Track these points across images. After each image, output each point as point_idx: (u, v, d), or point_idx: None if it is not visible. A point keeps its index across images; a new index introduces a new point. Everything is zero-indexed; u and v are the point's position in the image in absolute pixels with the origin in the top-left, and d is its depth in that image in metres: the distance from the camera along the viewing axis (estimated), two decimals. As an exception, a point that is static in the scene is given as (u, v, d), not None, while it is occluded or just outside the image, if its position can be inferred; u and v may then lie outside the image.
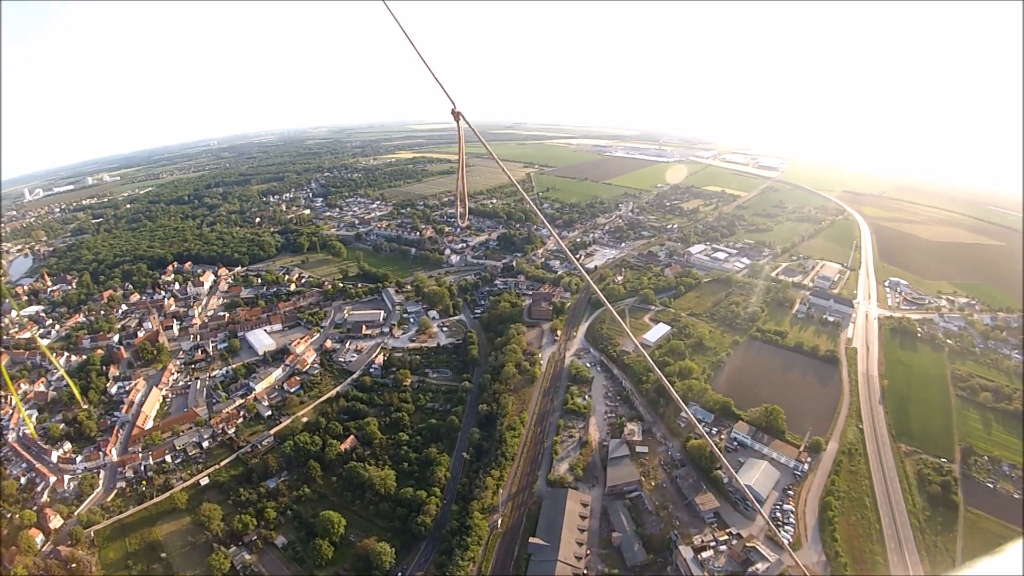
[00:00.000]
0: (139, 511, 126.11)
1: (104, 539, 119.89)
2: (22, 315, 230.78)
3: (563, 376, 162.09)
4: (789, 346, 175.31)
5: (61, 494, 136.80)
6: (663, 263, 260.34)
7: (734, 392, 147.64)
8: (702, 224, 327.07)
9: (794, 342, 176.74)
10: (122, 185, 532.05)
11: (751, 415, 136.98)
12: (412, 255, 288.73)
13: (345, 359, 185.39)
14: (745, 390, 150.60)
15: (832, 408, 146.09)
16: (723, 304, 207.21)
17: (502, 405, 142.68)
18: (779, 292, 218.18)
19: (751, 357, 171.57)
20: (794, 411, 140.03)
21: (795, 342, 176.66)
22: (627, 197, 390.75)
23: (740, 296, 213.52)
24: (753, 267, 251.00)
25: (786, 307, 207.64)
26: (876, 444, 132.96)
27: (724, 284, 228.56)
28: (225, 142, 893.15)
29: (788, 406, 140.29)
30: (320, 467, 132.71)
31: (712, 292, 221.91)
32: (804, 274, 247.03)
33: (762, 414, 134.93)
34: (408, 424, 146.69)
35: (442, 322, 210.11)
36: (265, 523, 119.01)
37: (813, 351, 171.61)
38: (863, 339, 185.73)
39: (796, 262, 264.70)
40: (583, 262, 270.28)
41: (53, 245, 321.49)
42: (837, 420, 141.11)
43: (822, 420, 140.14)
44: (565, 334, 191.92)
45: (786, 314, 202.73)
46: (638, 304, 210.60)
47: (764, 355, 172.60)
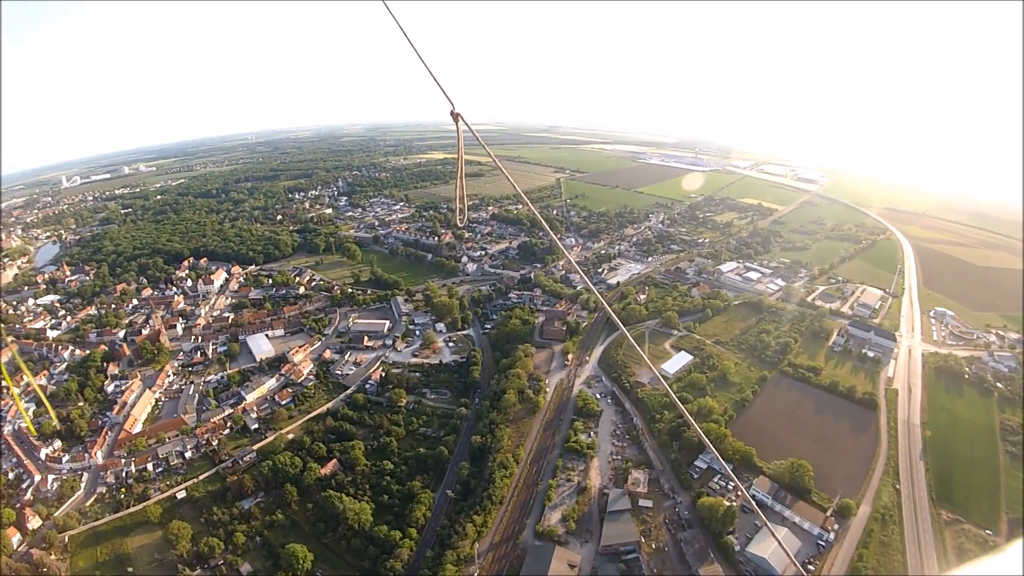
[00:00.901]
0: (114, 520, 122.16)
1: (78, 545, 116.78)
2: (39, 303, 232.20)
3: (569, 407, 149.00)
4: (823, 385, 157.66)
5: (44, 493, 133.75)
6: (690, 281, 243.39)
7: (757, 439, 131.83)
8: (735, 239, 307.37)
9: (829, 380, 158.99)
10: (157, 176, 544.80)
11: (774, 469, 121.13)
12: (428, 261, 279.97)
13: (342, 372, 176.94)
14: (770, 437, 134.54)
15: (867, 463, 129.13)
16: (752, 332, 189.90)
17: (497, 438, 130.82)
18: (815, 320, 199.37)
19: (779, 397, 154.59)
20: (824, 465, 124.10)
21: (830, 380, 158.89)
22: (658, 207, 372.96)
23: (772, 323, 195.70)
24: (787, 290, 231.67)
25: (821, 338, 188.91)
26: (914, 509, 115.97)
27: (755, 308, 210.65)
28: (262, 136, 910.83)
29: (817, 459, 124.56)
30: (297, 492, 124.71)
31: (741, 317, 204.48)
32: (843, 300, 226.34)
33: (787, 469, 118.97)
34: (396, 451, 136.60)
35: (449, 336, 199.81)
36: (233, 547, 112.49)
37: (849, 392, 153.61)
38: (905, 379, 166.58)
39: (834, 286, 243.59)
40: (606, 276, 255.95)
41: (80, 234, 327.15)
42: (871, 478, 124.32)
43: (855, 477, 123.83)
44: (577, 358, 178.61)
45: (821, 346, 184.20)
46: (659, 328, 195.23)
47: (794, 395, 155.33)
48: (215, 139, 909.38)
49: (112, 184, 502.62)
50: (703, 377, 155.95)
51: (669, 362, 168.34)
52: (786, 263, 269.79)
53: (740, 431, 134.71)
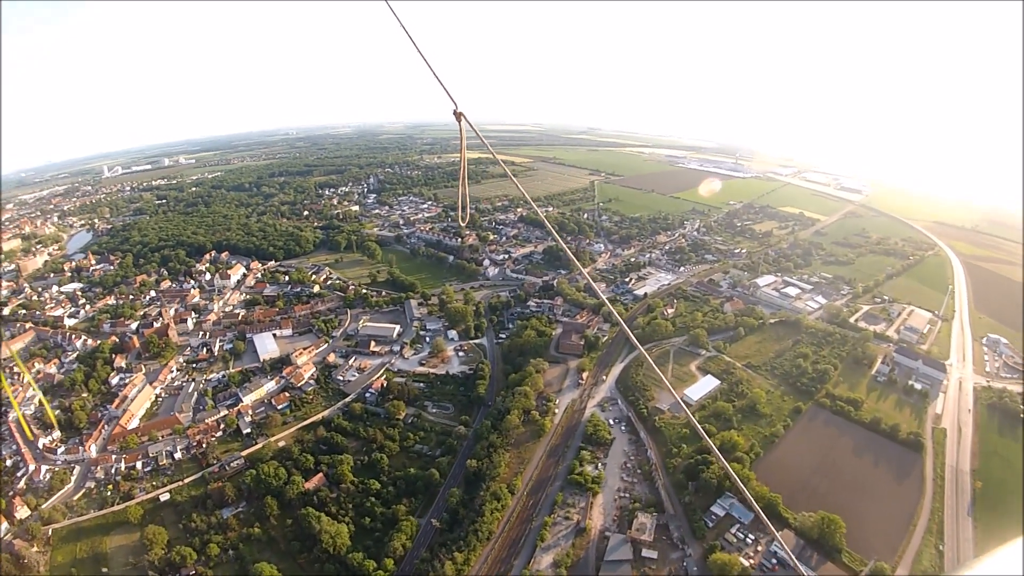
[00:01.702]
0: (97, 517, 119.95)
1: (60, 539, 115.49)
2: (62, 291, 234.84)
3: (578, 433, 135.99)
4: (863, 421, 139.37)
5: (36, 483, 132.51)
6: (724, 295, 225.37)
7: (785, 483, 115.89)
8: (774, 251, 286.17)
9: (870, 416, 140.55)
10: (195, 168, 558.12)
11: (802, 522, 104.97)
12: (448, 263, 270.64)
13: (344, 378, 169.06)
14: (799, 481, 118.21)
15: (908, 517, 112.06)
16: (788, 355, 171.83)
17: (494, 464, 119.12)
18: (857, 345, 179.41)
19: (814, 433, 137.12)
20: (859, 517, 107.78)
21: (871, 416, 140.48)
22: (694, 214, 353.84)
23: (810, 346, 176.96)
24: (828, 309, 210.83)
25: (864, 365, 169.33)
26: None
27: (792, 328, 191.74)
28: (303, 132, 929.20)
29: (852, 509, 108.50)
30: (277, 505, 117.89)
31: (777, 337, 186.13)
32: (888, 322, 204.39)
33: (816, 523, 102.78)
34: (386, 469, 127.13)
35: (460, 345, 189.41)
36: (206, 559, 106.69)
37: (892, 431, 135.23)
38: (955, 417, 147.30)
39: (879, 305, 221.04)
40: (633, 286, 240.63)
41: (112, 223, 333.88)
42: (912, 536, 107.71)
43: (893, 533, 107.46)
44: (593, 376, 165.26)
45: (863, 375, 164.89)
46: (686, 346, 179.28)
47: (831, 431, 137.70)
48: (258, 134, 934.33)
49: (151, 175, 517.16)
50: (729, 407, 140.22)
51: (694, 387, 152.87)
52: (827, 278, 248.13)
53: (766, 472, 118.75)
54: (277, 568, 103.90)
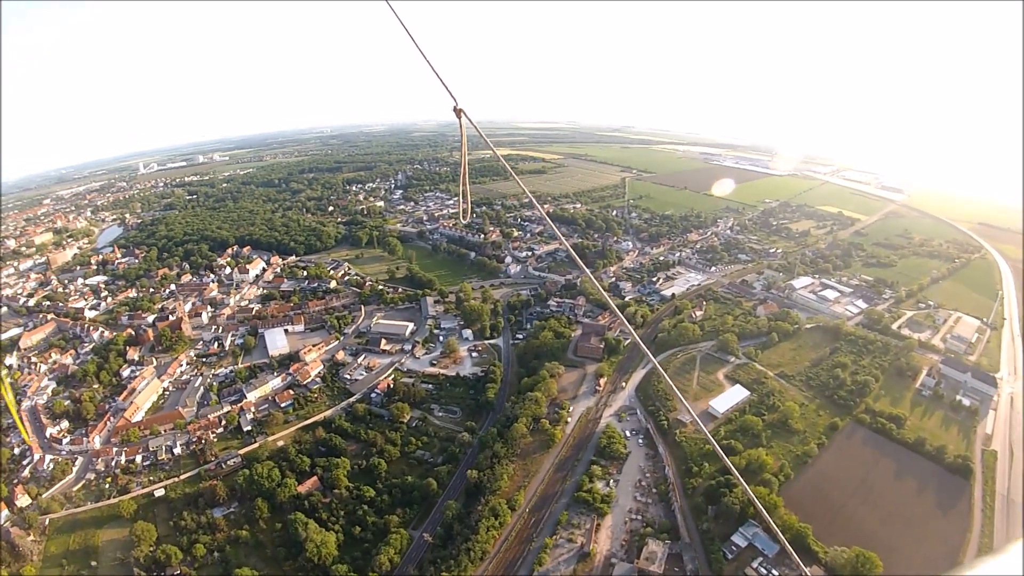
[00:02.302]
0: (92, 509, 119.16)
1: (55, 529, 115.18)
2: (86, 283, 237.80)
3: (591, 444, 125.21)
4: (906, 441, 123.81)
5: (40, 472, 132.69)
6: (757, 297, 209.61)
7: (817, 511, 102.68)
8: (811, 251, 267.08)
9: (914, 435, 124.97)
10: (228, 165, 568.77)
11: (834, 558, 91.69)
12: (470, 260, 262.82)
13: (352, 376, 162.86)
14: (833, 509, 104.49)
15: (953, 552, 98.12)
16: (825, 364, 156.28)
17: (496, 476, 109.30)
18: (900, 354, 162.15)
19: (851, 453, 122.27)
20: (897, 553, 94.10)
21: (915, 436, 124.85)
22: (728, 212, 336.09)
23: (849, 355, 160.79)
24: (870, 315, 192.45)
25: (908, 378, 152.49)
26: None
27: (830, 335, 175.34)
28: (337, 130, 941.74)
29: (890, 544, 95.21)
30: (268, 508, 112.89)
31: (813, 345, 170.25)
32: (934, 329, 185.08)
33: (849, 561, 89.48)
34: (384, 475, 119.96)
35: (474, 345, 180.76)
36: (191, 559, 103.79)
37: (938, 453, 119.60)
38: (1006, 438, 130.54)
39: (924, 311, 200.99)
40: (660, 287, 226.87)
41: (142, 218, 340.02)
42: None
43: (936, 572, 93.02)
44: (612, 382, 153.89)
45: (907, 388, 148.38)
46: (714, 352, 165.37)
47: (870, 451, 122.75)
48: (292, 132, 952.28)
49: (185, 172, 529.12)
50: (759, 421, 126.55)
51: (720, 397, 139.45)
52: (868, 281, 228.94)
53: (796, 498, 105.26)
54: (260, 574, 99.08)
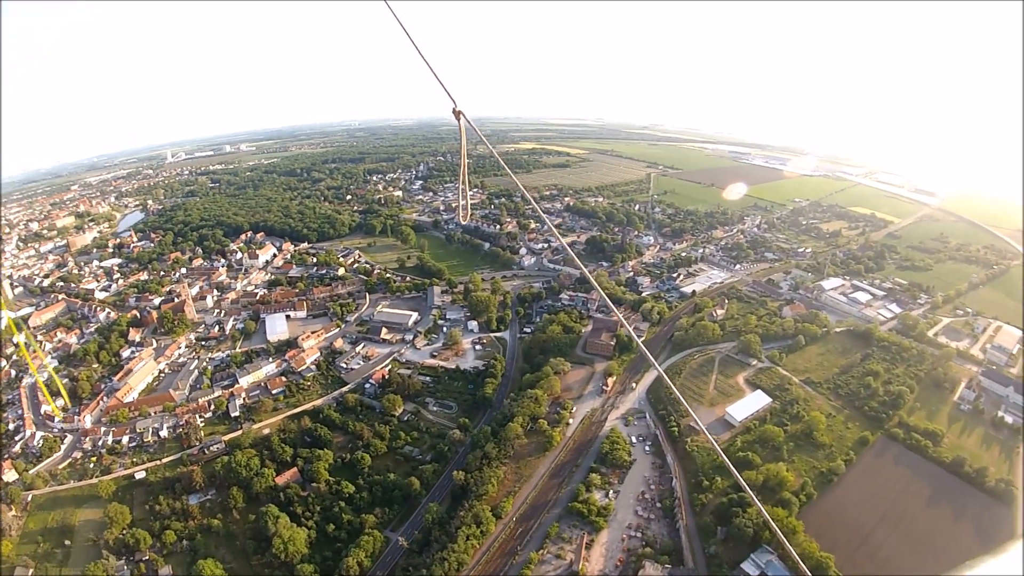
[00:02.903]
0: (74, 488, 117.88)
1: (37, 506, 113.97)
2: (101, 266, 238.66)
3: (593, 449, 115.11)
4: (943, 461, 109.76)
5: (30, 449, 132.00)
6: (783, 298, 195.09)
7: (840, 538, 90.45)
8: (843, 252, 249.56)
9: (952, 455, 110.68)
10: (254, 155, 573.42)
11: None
12: (484, 251, 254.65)
13: (348, 365, 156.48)
14: (859, 536, 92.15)
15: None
16: (856, 372, 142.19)
17: (484, 479, 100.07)
18: (937, 364, 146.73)
19: (882, 472, 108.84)
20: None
21: (953, 455, 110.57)
22: (756, 209, 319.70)
23: (882, 362, 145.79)
24: (904, 320, 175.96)
25: (945, 390, 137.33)
26: None
27: (862, 340, 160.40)
28: (365, 124, 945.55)
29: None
30: (244, 498, 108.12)
31: (843, 350, 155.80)
32: (973, 338, 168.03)
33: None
34: (367, 470, 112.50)
35: (479, 338, 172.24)
36: (161, 546, 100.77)
37: (978, 476, 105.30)
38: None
39: (962, 319, 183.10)
40: (680, 283, 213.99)
41: (163, 204, 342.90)
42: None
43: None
44: (621, 382, 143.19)
45: (944, 401, 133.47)
46: (735, 354, 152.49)
47: (903, 472, 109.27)
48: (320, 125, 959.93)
49: (211, 161, 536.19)
50: (780, 432, 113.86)
51: (738, 404, 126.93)
52: (902, 285, 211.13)
53: (818, 522, 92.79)
54: (225, 567, 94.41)
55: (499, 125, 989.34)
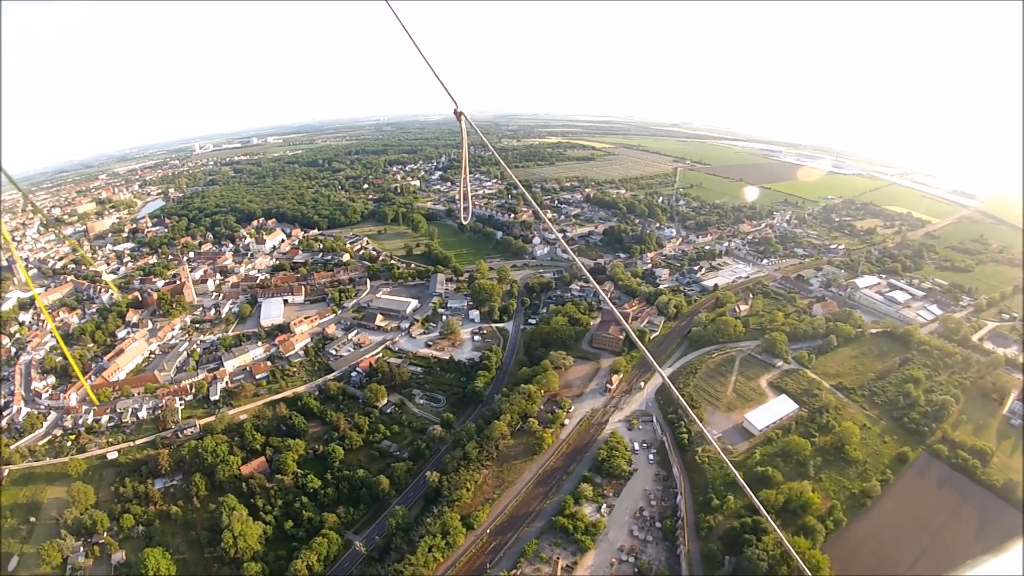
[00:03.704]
0: (48, 465, 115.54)
1: (11, 481, 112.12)
2: (114, 249, 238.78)
3: (589, 454, 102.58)
4: (992, 484, 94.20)
5: (16, 424, 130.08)
6: (814, 295, 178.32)
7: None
8: (878, 250, 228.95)
9: (1003, 477, 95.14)
10: (280, 147, 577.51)
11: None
12: (496, 239, 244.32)
13: (337, 352, 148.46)
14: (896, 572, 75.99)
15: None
16: (893, 378, 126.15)
17: (459, 483, 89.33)
18: (984, 372, 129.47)
19: (923, 494, 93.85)
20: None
21: (1004, 478, 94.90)
22: (786, 205, 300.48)
23: (923, 368, 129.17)
24: (946, 322, 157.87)
25: (993, 401, 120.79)
26: None
27: (900, 343, 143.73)
28: (394, 119, 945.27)
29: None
30: (207, 485, 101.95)
31: (879, 353, 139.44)
32: (1021, 345, 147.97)
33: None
34: (337, 464, 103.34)
35: (480, 328, 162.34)
36: (118, 529, 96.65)
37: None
38: None
39: (1008, 324, 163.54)
40: (702, 276, 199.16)
41: (184, 192, 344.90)
42: None
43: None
44: (628, 380, 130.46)
45: (992, 414, 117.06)
46: (758, 353, 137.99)
47: (947, 495, 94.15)
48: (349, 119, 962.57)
49: (237, 152, 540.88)
50: (807, 444, 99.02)
51: (759, 410, 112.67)
52: (943, 285, 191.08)
53: (846, 554, 79.03)
54: (178, 557, 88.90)
55: (527, 121, 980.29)
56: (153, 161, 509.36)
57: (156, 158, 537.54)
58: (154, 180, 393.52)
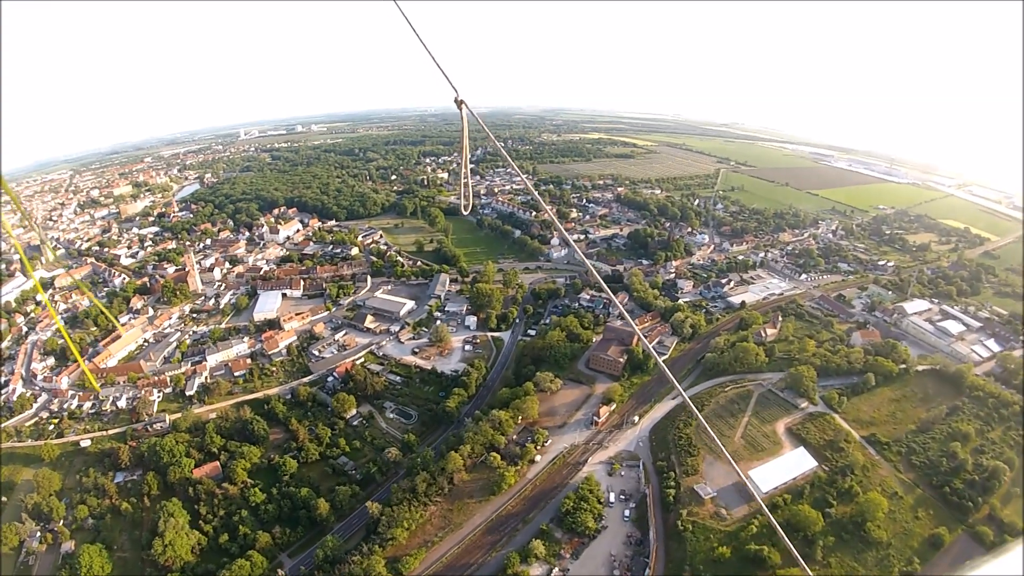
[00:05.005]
0: (27, 447, 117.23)
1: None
2: (139, 233, 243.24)
3: (555, 500, 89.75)
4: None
5: (9, 404, 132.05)
6: (854, 319, 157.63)
7: None
8: (931, 269, 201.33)
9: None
10: (322, 135, 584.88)
11: None
12: (512, 239, 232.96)
13: (320, 353, 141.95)
14: None
15: None
16: (938, 432, 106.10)
17: (396, 520, 79.57)
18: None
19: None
20: None
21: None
22: (833, 214, 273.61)
23: (973, 421, 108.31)
24: (1005, 361, 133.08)
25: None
26: None
27: (949, 385, 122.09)
28: (439, 110, 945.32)
29: None
30: (159, 485, 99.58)
31: (924, 397, 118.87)
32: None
33: None
34: (288, 478, 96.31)
35: (473, 336, 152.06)
36: (72, 519, 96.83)
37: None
38: None
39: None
40: (729, 291, 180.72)
41: (219, 177, 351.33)
42: None
43: None
44: (621, 413, 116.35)
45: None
46: (779, 390, 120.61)
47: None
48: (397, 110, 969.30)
49: (280, 139, 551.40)
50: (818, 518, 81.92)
51: (770, 465, 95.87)
52: (1002, 316, 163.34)
53: None
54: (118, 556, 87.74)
55: (573, 116, 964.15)
56: (198, 146, 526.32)
57: (203, 143, 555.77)
58: (193, 165, 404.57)
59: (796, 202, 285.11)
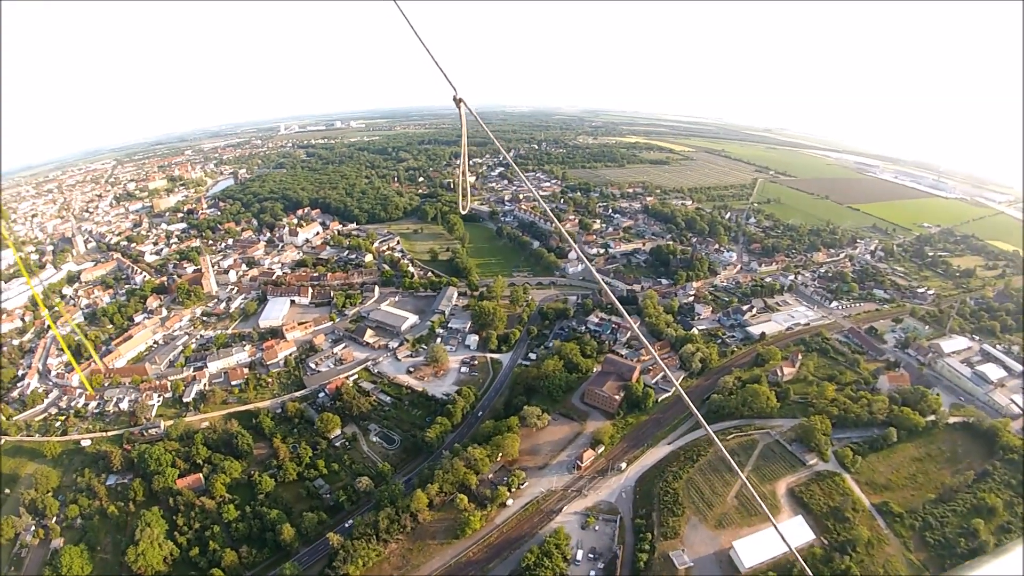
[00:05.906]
0: (33, 442, 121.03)
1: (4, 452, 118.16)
2: (168, 229, 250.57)
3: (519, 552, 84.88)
4: None
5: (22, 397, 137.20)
6: (885, 357, 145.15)
7: None
8: (974, 299, 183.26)
9: None
10: (360, 132, 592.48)
11: None
12: (530, 250, 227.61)
13: (316, 366, 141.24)
14: None
15: None
16: (961, 503, 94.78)
17: (351, 556, 76.92)
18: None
19: None
20: None
21: None
22: (874, 231, 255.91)
23: (1004, 491, 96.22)
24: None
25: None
26: None
27: (981, 442, 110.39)
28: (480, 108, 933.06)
29: None
30: (144, 491, 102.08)
31: (951, 457, 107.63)
32: None
33: None
34: (263, 497, 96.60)
35: (472, 357, 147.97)
36: (63, 518, 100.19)
37: None
38: None
39: None
40: (749, 319, 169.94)
41: (252, 174, 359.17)
42: None
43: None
44: (609, 457, 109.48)
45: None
46: (788, 442, 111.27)
47: None
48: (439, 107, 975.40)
49: (318, 135, 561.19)
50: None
51: (759, 536, 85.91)
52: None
53: None
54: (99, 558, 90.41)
55: (613, 118, 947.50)
56: (239, 139, 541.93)
57: (243, 136, 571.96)
58: (230, 160, 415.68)
59: (835, 217, 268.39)
